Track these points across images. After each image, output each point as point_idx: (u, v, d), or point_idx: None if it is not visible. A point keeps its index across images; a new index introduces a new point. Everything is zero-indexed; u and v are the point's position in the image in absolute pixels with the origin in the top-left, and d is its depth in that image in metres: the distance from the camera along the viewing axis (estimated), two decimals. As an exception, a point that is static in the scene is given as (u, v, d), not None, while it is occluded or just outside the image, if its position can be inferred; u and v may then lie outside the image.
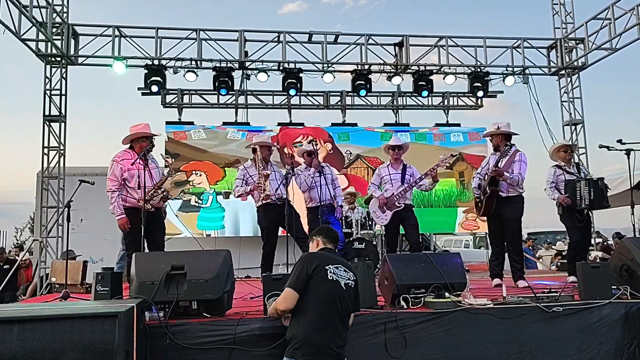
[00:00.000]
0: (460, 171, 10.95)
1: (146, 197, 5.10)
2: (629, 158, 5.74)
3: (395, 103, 11.88)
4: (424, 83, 10.26)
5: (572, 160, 6.31)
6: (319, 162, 6.54)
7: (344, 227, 7.61)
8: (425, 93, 10.45)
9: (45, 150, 9.08)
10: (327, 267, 3.18)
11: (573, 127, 10.76)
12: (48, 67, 9.13)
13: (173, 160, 9.35)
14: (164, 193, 5.32)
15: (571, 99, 10.77)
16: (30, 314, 2.86)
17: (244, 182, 6.16)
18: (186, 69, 9.62)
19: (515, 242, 5.72)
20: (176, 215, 8.40)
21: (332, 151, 10.68)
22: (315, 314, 3.08)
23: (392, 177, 6.34)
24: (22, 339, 2.70)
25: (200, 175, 9.55)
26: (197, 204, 9.66)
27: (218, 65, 9.68)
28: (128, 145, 5.43)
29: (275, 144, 6.34)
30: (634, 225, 5.82)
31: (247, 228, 9.61)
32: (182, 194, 9.32)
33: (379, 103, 11.98)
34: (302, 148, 6.78)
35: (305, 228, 6.26)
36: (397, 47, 10.26)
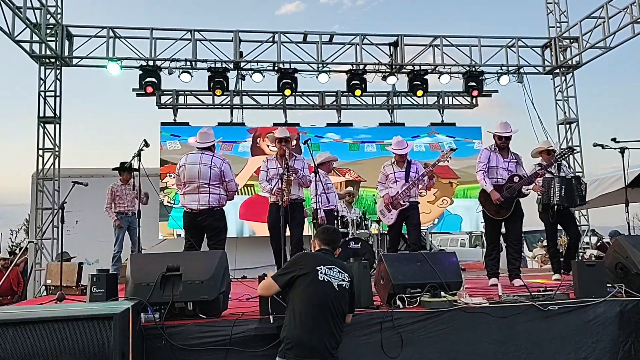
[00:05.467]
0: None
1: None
2: (623, 156, 5.77)
3: (390, 103, 11.90)
4: (419, 82, 10.28)
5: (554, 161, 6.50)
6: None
7: (339, 227, 7.55)
8: (420, 92, 10.47)
9: (40, 152, 9.05)
10: (318, 268, 3.19)
11: (567, 126, 10.80)
12: (42, 68, 9.11)
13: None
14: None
15: (565, 98, 10.81)
16: (25, 316, 2.85)
17: (267, 174, 6.02)
18: (181, 70, 9.60)
19: (520, 239, 5.91)
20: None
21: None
22: (306, 315, 3.09)
23: (397, 175, 6.36)
24: (17, 342, 2.70)
25: (173, 177, 9.78)
26: (169, 204, 9.96)
27: (213, 65, 9.68)
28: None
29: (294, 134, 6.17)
30: (628, 223, 5.84)
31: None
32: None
33: (374, 103, 11.99)
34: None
35: None
36: (392, 47, 10.28)
